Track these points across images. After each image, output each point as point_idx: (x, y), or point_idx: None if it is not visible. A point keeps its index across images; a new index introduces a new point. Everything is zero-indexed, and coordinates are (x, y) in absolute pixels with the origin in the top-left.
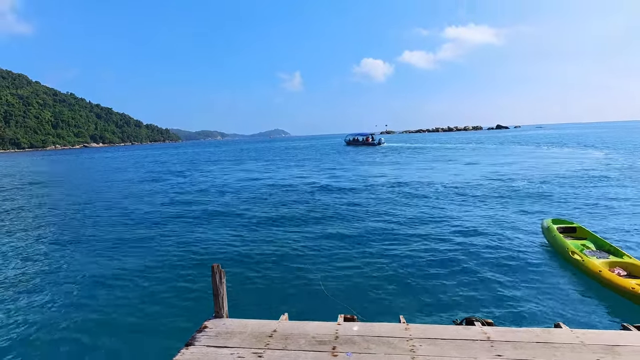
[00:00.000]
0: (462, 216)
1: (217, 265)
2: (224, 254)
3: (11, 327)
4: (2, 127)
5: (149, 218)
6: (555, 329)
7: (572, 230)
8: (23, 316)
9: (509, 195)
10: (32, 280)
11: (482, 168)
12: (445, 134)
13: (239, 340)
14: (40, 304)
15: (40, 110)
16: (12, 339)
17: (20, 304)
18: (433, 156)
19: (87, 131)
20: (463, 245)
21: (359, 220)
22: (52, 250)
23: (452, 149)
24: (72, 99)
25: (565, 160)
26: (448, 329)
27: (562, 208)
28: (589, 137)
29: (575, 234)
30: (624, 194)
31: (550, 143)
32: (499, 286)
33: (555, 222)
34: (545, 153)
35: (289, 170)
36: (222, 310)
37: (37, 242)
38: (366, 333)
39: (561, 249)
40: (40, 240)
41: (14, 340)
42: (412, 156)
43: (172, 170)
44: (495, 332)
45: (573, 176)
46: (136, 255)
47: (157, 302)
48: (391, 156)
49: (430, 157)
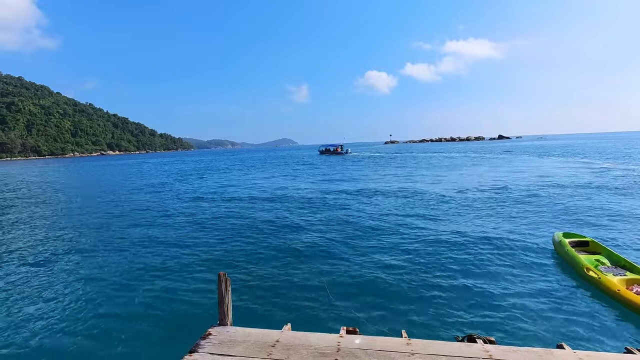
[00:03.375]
0: (467, 229)
1: (224, 273)
2: (229, 262)
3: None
4: (24, 135)
5: (156, 224)
6: (558, 350)
7: (584, 244)
8: (15, 323)
9: (515, 206)
10: (24, 291)
11: (476, 179)
12: (447, 144)
13: (242, 349)
14: (42, 312)
15: (60, 119)
16: (12, 341)
17: (14, 313)
18: (398, 164)
19: (104, 139)
20: (468, 259)
21: (362, 231)
22: (60, 255)
23: (430, 158)
24: (90, 109)
25: (571, 171)
26: (449, 346)
27: (573, 221)
28: (591, 147)
29: (588, 248)
30: (636, 206)
31: (552, 154)
32: (505, 302)
33: (566, 236)
34: (549, 164)
35: (286, 179)
36: (226, 318)
37: (42, 251)
38: (368, 346)
39: (574, 265)
40: (48, 246)
41: (14, 341)
42: (373, 163)
43: (179, 177)
44: (497, 351)
45: (583, 187)
46: (141, 261)
47: (161, 308)
48: (359, 164)
49: (395, 165)
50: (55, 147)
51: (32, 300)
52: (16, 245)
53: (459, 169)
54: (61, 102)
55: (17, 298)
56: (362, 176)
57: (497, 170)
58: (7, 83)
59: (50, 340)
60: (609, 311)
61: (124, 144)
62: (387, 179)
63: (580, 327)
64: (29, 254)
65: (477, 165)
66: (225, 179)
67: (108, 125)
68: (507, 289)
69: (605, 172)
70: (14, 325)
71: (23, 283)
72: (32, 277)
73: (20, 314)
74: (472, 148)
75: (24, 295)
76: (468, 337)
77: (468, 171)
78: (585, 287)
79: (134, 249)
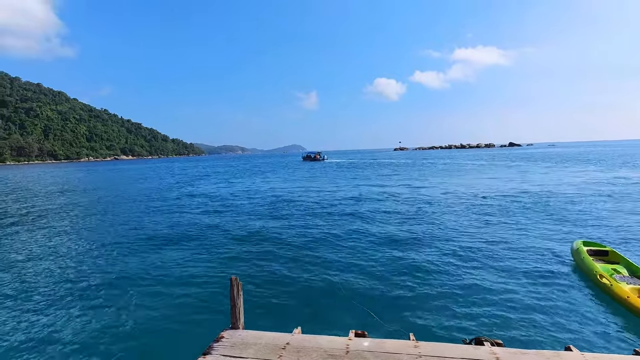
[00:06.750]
0: (482, 233)
1: (236, 277)
2: (241, 266)
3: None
4: (41, 140)
5: (169, 228)
6: (566, 352)
7: (603, 253)
8: (24, 323)
9: (533, 213)
10: (32, 295)
11: (492, 185)
12: (458, 151)
13: (254, 351)
14: (59, 314)
15: (76, 124)
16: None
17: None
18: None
19: (118, 144)
20: (478, 262)
21: (368, 237)
22: (83, 254)
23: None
24: (105, 115)
25: (588, 179)
26: (457, 348)
27: (594, 230)
28: (609, 155)
29: (607, 257)
30: None
31: (567, 160)
32: (516, 305)
33: (585, 245)
34: (563, 171)
35: (295, 183)
36: (238, 321)
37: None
38: (376, 349)
39: (588, 272)
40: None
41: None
42: (349, 170)
43: (189, 181)
44: (504, 353)
45: (602, 196)
46: (156, 265)
47: (175, 310)
48: (330, 169)
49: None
50: (71, 151)
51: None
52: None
53: (482, 174)
54: (77, 108)
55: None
56: (365, 181)
57: (524, 178)
58: (27, 89)
59: (62, 339)
60: (619, 318)
61: (137, 149)
62: (398, 185)
63: (588, 331)
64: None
65: (503, 171)
66: (229, 183)
67: (122, 131)
68: (516, 293)
69: (627, 181)
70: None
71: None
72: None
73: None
74: (489, 155)
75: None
76: (476, 340)
77: (490, 175)
78: (597, 294)
79: (147, 253)
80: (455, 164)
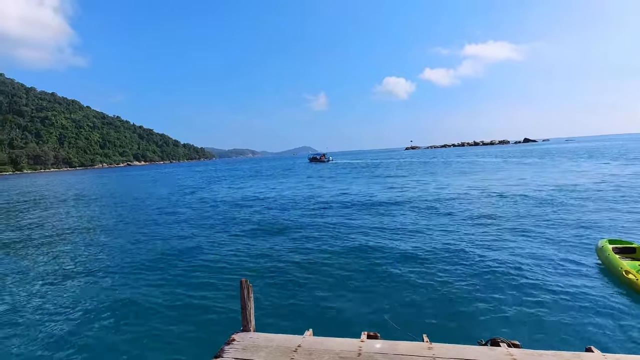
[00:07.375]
0: (499, 231)
1: (246, 280)
2: (251, 268)
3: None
4: (57, 148)
5: (181, 231)
6: (586, 354)
7: (631, 250)
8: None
9: (561, 212)
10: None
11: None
12: (471, 148)
13: (265, 354)
14: (74, 315)
15: (90, 132)
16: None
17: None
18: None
19: (130, 151)
20: (494, 261)
21: (380, 237)
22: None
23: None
24: (118, 122)
25: (617, 174)
26: (472, 350)
27: (622, 227)
28: (633, 149)
29: (635, 254)
30: None
31: (593, 156)
32: (534, 305)
33: (611, 242)
34: (586, 167)
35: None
36: (249, 324)
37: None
38: (389, 351)
39: (614, 269)
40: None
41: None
42: (354, 170)
43: (202, 186)
44: (521, 355)
45: (630, 191)
46: (167, 267)
47: (187, 313)
48: (338, 169)
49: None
50: (85, 158)
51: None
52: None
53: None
54: (90, 116)
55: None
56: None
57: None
58: (42, 99)
59: (75, 340)
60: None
61: (149, 154)
62: (411, 182)
63: (612, 331)
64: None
65: (524, 169)
66: (241, 185)
67: (134, 137)
68: (534, 292)
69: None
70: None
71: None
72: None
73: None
74: (508, 152)
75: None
76: (492, 341)
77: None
78: (623, 291)
79: (158, 255)
80: (467, 162)
